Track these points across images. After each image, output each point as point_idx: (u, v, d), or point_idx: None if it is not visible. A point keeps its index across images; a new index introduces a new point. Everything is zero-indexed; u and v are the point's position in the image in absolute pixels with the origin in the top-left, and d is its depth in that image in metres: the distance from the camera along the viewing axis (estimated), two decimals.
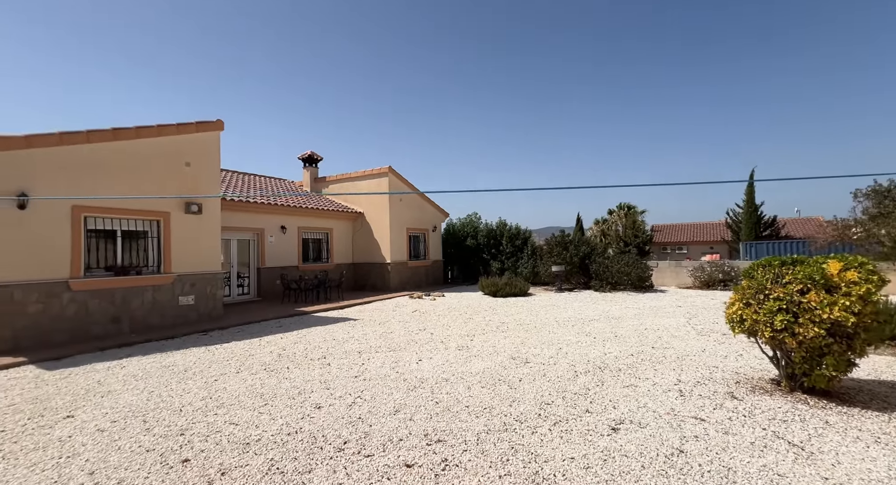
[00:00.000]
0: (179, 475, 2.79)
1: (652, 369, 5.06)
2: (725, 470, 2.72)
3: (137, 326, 7.92)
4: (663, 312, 9.49)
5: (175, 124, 8.64)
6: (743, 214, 26.20)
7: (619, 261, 14.37)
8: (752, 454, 2.92)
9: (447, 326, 8.21)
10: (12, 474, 2.84)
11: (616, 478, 2.67)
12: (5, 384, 4.91)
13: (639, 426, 3.44)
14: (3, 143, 6.44)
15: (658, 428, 3.39)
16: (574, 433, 3.36)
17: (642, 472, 2.73)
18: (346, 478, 2.76)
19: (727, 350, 5.88)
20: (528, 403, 4.04)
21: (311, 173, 17.66)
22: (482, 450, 3.12)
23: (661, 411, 3.74)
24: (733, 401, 3.94)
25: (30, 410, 4.07)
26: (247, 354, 6.23)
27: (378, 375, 5.06)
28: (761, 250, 20.37)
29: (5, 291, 6.41)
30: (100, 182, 7.47)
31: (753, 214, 25.52)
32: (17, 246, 6.55)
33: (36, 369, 5.54)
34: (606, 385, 4.52)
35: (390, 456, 3.05)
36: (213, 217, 9.31)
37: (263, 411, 3.95)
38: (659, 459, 2.89)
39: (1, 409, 4.09)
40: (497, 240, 18.40)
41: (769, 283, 4.00)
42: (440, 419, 3.69)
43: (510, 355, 5.86)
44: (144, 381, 4.96)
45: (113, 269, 7.78)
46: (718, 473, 2.69)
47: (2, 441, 3.35)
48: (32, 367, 5.67)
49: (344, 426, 3.56)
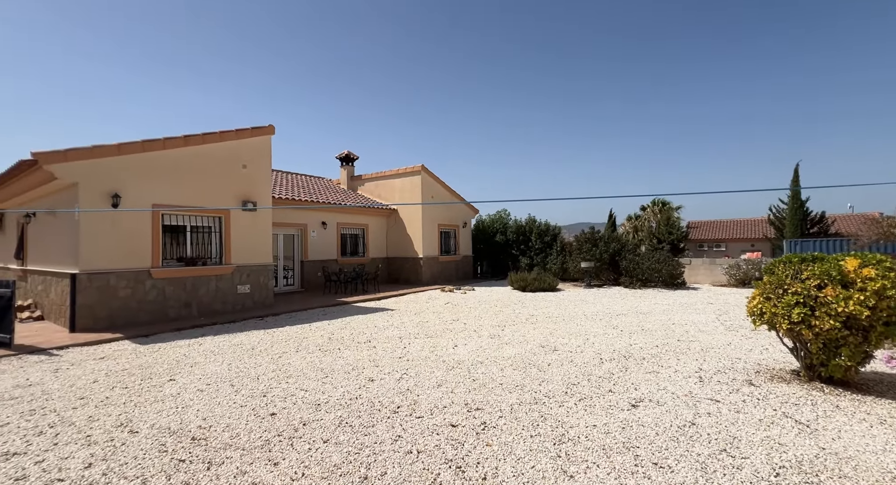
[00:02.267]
0: (271, 424, 3.49)
1: (675, 359, 5.38)
2: (730, 438, 3.10)
3: (204, 311, 8.95)
4: (693, 309, 9.59)
5: (234, 130, 9.59)
6: (787, 210, 24.99)
7: (649, 258, 14.36)
8: (758, 428, 3.27)
9: (479, 317, 8.73)
10: (144, 417, 3.64)
11: (632, 440, 3.12)
12: (113, 354, 5.90)
13: (657, 404, 3.84)
14: (100, 151, 7.52)
15: (674, 406, 3.78)
16: (597, 407, 3.80)
17: (656, 437, 3.16)
18: (402, 432, 3.35)
19: (753, 345, 6.06)
20: (556, 383, 4.51)
21: (348, 172, 18.59)
22: (515, 417, 3.63)
23: (679, 393, 4.11)
24: (750, 387, 4.24)
25: (140, 373, 4.96)
26: (301, 337, 7.02)
27: (419, 357, 5.66)
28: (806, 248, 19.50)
29: (103, 277, 7.53)
30: (173, 183, 8.50)
31: (799, 211, 24.31)
32: (112, 240, 7.65)
33: (131, 344, 6.54)
34: (630, 371, 4.90)
35: (437, 418, 3.62)
36: (266, 214, 10.25)
37: (326, 381, 4.63)
38: (672, 428, 3.30)
39: (118, 372, 5.01)
40: (526, 236, 18.68)
41: (788, 279, 4.25)
42: (477, 393, 4.23)
43: (539, 344, 6.31)
44: (221, 356, 5.80)
45: (184, 260, 8.83)
46: (724, 440, 3.08)
47: (129, 395, 4.20)
48: (128, 342, 6.69)
49: (395, 395, 4.17)
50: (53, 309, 8.26)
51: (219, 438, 3.22)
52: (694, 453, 2.91)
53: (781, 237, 24.58)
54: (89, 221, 7.42)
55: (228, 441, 3.16)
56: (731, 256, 26.94)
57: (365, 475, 2.70)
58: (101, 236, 7.54)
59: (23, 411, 3.80)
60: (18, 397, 4.19)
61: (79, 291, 7.27)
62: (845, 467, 2.72)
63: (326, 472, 2.73)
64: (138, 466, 2.79)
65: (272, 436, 3.25)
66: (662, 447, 3.02)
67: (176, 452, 2.98)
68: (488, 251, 19.58)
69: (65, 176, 7.25)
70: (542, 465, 2.83)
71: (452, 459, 2.92)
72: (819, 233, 24.76)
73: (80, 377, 4.81)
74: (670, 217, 26.99)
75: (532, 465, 2.83)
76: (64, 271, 7.75)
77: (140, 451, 3.00)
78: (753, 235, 30.34)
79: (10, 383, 4.61)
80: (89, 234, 7.42)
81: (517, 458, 2.92)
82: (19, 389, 4.43)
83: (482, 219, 20.77)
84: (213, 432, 3.32)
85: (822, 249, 18.92)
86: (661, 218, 27.41)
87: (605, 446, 3.07)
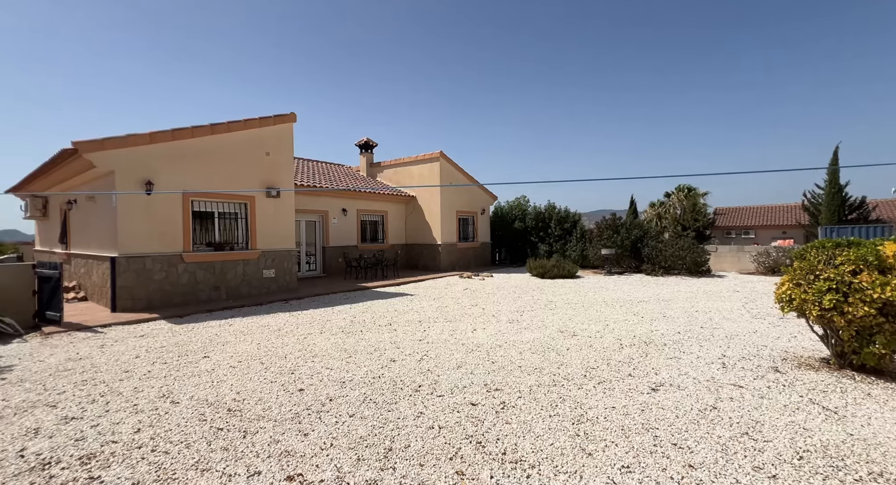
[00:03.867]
0: (300, 398, 3.67)
1: (697, 346, 5.31)
2: (753, 422, 3.08)
3: (232, 294, 9.34)
4: (718, 296, 9.36)
5: (258, 118, 9.78)
6: (824, 195, 23.75)
7: (673, 245, 14.01)
8: (782, 413, 3.24)
9: (497, 303, 8.79)
10: (183, 389, 3.89)
11: (651, 422, 3.14)
12: (152, 332, 6.27)
13: (677, 388, 3.83)
14: (133, 140, 7.83)
15: (696, 390, 3.76)
16: (616, 391, 3.83)
17: (676, 420, 3.17)
18: (424, 409, 3.47)
19: (780, 332, 5.91)
20: (575, 366, 4.54)
21: (367, 159, 18.72)
22: (534, 397, 3.70)
23: (700, 379, 4.08)
24: (776, 374, 4.17)
25: (176, 350, 5.27)
26: (324, 319, 7.25)
27: (439, 339, 5.78)
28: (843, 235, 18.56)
29: (139, 261, 7.94)
30: (201, 170, 8.79)
31: (836, 196, 23.07)
32: (146, 225, 8.03)
33: (167, 323, 6.93)
34: (650, 357, 4.88)
35: (457, 397, 3.73)
36: (288, 200, 10.49)
37: (349, 361, 4.81)
38: (692, 411, 3.31)
39: (157, 349, 5.34)
40: (545, 223, 18.48)
41: (821, 264, 4.11)
42: (497, 375, 4.31)
43: (558, 329, 6.33)
44: (250, 336, 6.08)
45: (212, 245, 9.18)
46: (746, 424, 3.06)
47: (169, 369, 4.49)
48: (164, 321, 7.08)
49: (416, 375, 4.30)
50: (95, 290, 8.79)
51: (252, 410, 3.42)
52: (714, 436, 2.92)
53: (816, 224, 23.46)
54: (126, 207, 7.80)
55: (261, 413, 3.36)
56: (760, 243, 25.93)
57: (389, 447, 2.83)
58: (137, 222, 7.92)
59: (75, 381, 4.13)
60: (71, 368, 4.54)
61: (118, 273, 7.70)
62: (874, 452, 2.67)
63: (353, 443, 2.88)
64: (181, 432, 3.01)
65: (301, 410, 3.43)
66: (682, 429, 3.03)
67: (214, 421, 3.20)
68: (507, 238, 19.50)
69: (102, 164, 7.60)
70: (560, 443, 2.89)
71: (473, 435, 3.02)
72: (858, 219, 23.49)
73: (123, 353, 5.16)
74: (696, 203, 26.10)
75: (551, 442, 2.90)
76: (104, 255, 8.21)
77: (182, 419, 3.23)
78: (785, 222, 29.07)
79: (63, 357, 4.99)
80: (126, 219, 7.81)
81: (536, 435, 3.00)
82: (71, 362, 4.79)
83: (501, 206, 20.62)
84: (247, 405, 3.53)
85: (860, 235, 17.94)
86: (686, 204, 26.54)
87: (624, 426, 3.11)
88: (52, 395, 3.75)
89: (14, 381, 4.14)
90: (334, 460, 2.65)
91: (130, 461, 2.60)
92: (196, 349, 5.33)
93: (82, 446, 2.80)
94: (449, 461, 2.65)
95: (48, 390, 3.89)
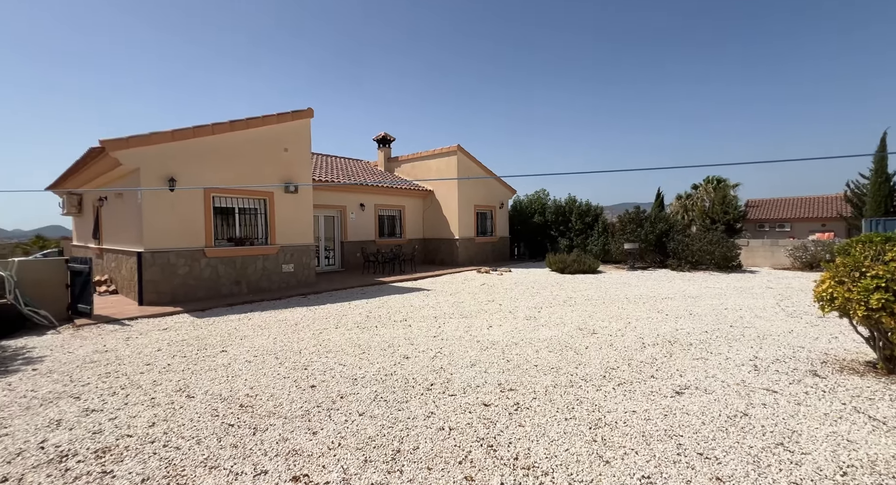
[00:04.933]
0: (311, 395, 3.66)
1: (727, 346, 5.02)
2: (789, 432, 2.85)
3: (252, 288, 9.53)
4: (749, 293, 8.88)
5: (276, 114, 9.87)
6: (870, 185, 22.20)
7: (700, 239, 13.41)
8: (822, 423, 2.98)
9: (515, 299, 8.62)
10: (199, 383, 3.94)
11: (675, 429, 2.95)
12: (175, 326, 6.45)
13: (704, 392, 3.61)
14: (157, 138, 8.03)
15: (724, 395, 3.53)
16: (637, 393, 3.64)
17: (702, 427, 2.97)
18: (435, 408, 3.39)
19: (819, 332, 5.52)
20: (594, 366, 4.36)
21: (385, 154, 18.71)
22: (550, 399, 3.56)
23: (730, 382, 3.83)
24: (814, 378, 3.87)
25: (196, 344, 5.38)
26: (341, 314, 7.28)
27: (454, 336, 5.68)
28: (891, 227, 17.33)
29: (164, 256, 8.18)
30: (221, 166, 8.95)
31: (884, 186, 21.52)
32: (170, 221, 8.26)
33: (190, 317, 7.11)
34: (675, 357, 4.63)
35: (470, 397, 3.62)
36: (307, 196, 10.58)
37: (363, 357, 4.78)
38: (720, 418, 3.09)
39: (178, 342, 5.47)
40: (566, 217, 18.05)
41: (868, 260, 3.76)
42: (511, 374, 4.18)
43: (577, 327, 6.13)
44: (267, 330, 6.16)
45: (233, 240, 9.37)
46: (781, 433, 2.83)
47: (187, 363, 4.58)
48: (187, 315, 7.27)
49: (429, 373, 4.23)
50: (124, 284, 9.14)
51: (263, 406, 3.43)
52: (745, 446, 2.71)
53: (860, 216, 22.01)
54: (150, 203, 8.03)
55: (272, 410, 3.36)
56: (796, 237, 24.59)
57: (398, 449, 2.76)
58: (161, 218, 8.15)
59: (100, 373, 4.26)
60: (97, 360, 4.69)
61: (144, 268, 7.96)
62: None
63: (361, 443, 2.83)
64: (194, 427, 3.04)
65: (312, 407, 3.41)
66: (709, 437, 2.84)
67: (226, 417, 3.21)
68: (526, 233, 19.17)
69: (128, 162, 7.84)
70: (576, 448, 2.75)
71: (484, 437, 2.91)
72: None
73: (146, 346, 5.31)
74: (726, 195, 24.94)
75: (566, 448, 2.76)
76: (132, 250, 8.51)
77: (195, 414, 3.26)
78: (825, 214, 27.42)
79: (90, 349, 5.18)
80: (151, 215, 8.04)
81: (550, 440, 2.87)
82: (98, 354, 4.96)
83: (520, 200, 20.28)
84: (259, 401, 3.54)
85: None
86: (715, 196, 25.39)
87: (645, 432, 2.93)
88: (76, 386, 3.88)
89: (44, 372, 4.31)
90: (341, 461, 2.61)
91: (142, 456, 2.63)
92: (215, 343, 5.43)
93: (99, 439, 2.86)
94: (458, 465, 2.56)
95: (74, 381, 4.02)
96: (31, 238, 30.04)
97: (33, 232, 34.93)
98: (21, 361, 4.72)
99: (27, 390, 3.78)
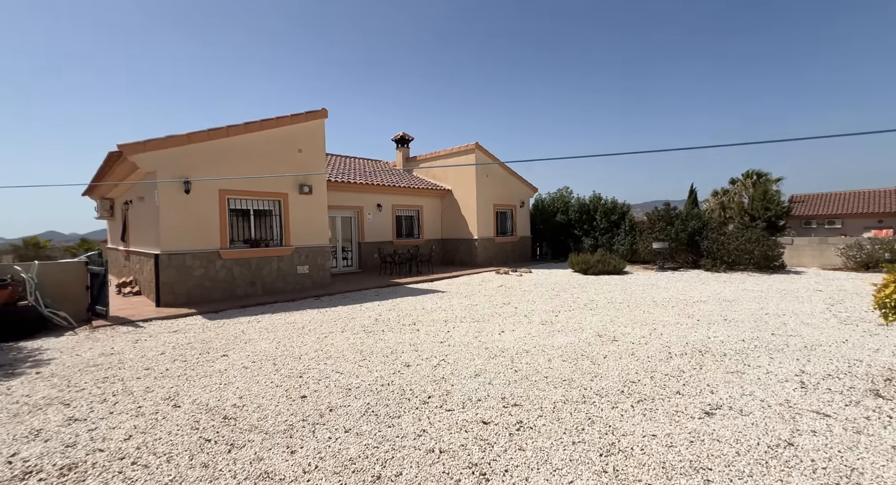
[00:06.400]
0: (299, 407, 3.44)
1: (767, 357, 4.45)
2: (848, 470, 2.36)
3: (267, 290, 9.55)
4: (794, 296, 8.06)
5: (289, 115, 9.86)
6: None
7: (738, 237, 12.44)
8: (891, 458, 2.46)
9: (532, 302, 8.19)
10: (190, 391, 3.82)
11: (702, 460, 2.52)
12: (185, 328, 6.46)
13: (739, 414, 3.13)
14: (173, 141, 8.14)
15: (764, 418, 3.04)
16: (659, 413, 3.20)
17: (736, 458, 2.52)
18: (429, 426, 3.09)
19: (880, 343, 4.82)
20: (611, 379, 3.93)
21: (403, 153, 18.58)
22: (558, 417, 3.18)
23: (770, 401, 3.32)
24: (876, 400, 3.29)
25: (200, 347, 5.32)
26: (349, 317, 7.11)
27: (461, 342, 5.37)
28: None
29: (180, 257, 8.30)
30: (236, 168, 9.01)
31: None
32: (186, 222, 8.37)
33: (202, 319, 7.13)
34: (705, 369, 4.13)
35: (469, 413, 3.30)
36: (321, 196, 10.53)
37: (362, 364, 4.55)
38: (759, 448, 2.63)
39: (183, 345, 5.43)
40: (590, 215, 17.30)
41: None
42: (518, 386, 3.82)
43: (596, 333, 5.67)
44: (273, 333, 6.05)
45: (248, 241, 9.42)
46: (837, 471, 2.35)
47: (185, 368, 4.49)
48: (200, 317, 7.31)
49: (429, 383, 3.93)
50: (146, 285, 9.36)
51: (247, 418, 3.24)
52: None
53: None
54: (167, 205, 8.15)
55: (255, 423, 3.16)
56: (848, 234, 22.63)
57: (378, 474, 2.48)
58: (177, 220, 8.26)
59: (98, 378, 4.23)
60: (100, 364, 4.69)
61: (161, 269, 8.09)
62: None
63: (340, 466, 2.57)
64: (169, 442, 2.87)
65: (297, 420, 3.19)
66: (744, 472, 2.40)
67: (205, 431, 3.04)
68: (548, 232, 18.55)
69: (144, 165, 7.98)
70: (582, 480, 2.38)
71: (477, 463, 2.59)
72: None
73: (151, 349, 5.29)
74: (767, 190, 23.25)
75: (570, 480, 2.40)
76: (150, 252, 8.69)
77: (175, 426, 3.11)
78: (882, 209, 25.13)
79: (98, 352, 5.22)
80: (167, 217, 8.17)
81: (553, 468, 2.51)
82: (103, 357, 4.98)
83: (542, 198, 19.66)
84: (244, 412, 3.35)
85: None
86: (755, 192, 23.75)
87: (666, 463, 2.52)
88: (71, 392, 3.84)
89: (46, 375, 4.33)
90: None
91: (106, 476, 2.48)
92: (218, 346, 5.36)
93: (70, 454, 2.74)
94: None
95: (71, 386, 3.99)
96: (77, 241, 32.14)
97: (88, 235, 37.47)
98: (30, 363, 4.78)
99: (22, 395, 3.77)
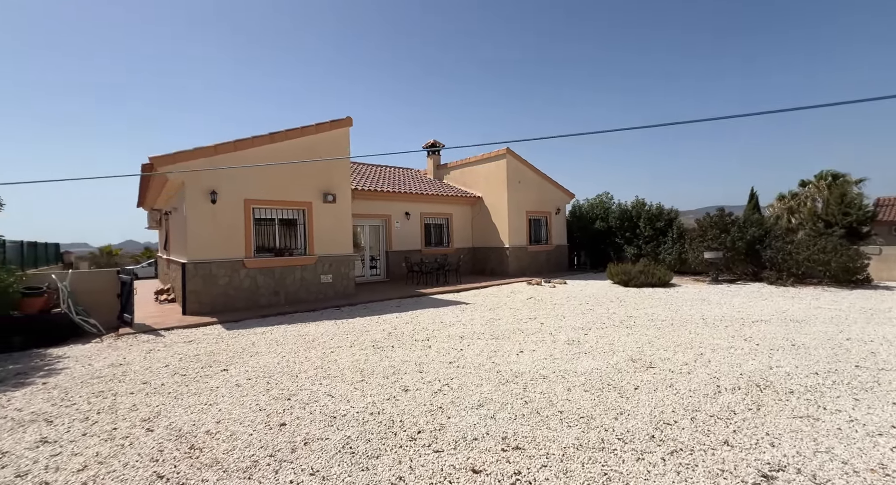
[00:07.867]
0: (273, 438, 3.09)
1: (851, 398, 3.52)
2: None
3: (290, 299, 9.53)
4: (885, 318, 6.71)
5: (314, 125, 9.90)
6: None
7: (809, 246, 10.84)
8: None
9: (561, 317, 7.46)
10: (172, 412, 3.61)
11: None
12: (200, 338, 6.45)
13: (811, 480, 2.36)
14: (200, 152, 8.38)
15: None
16: (699, 471, 2.50)
17: None
18: (408, 471, 2.61)
19: None
20: (641, 418, 3.24)
21: (434, 161, 18.38)
22: (565, 469, 2.58)
23: (857, 464, 2.50)
24: None
25: (205, 360, 5.21)
26: (363, 330, 6.80)
27: (472, 363, 4.84)
28: None
29: (206, 266, 8.46)
30: (261, 178, 9.12)
31: None
32: (212, 232, 8.54)
33: (221, 329, 7.14)
34: (764, 411, 3.31)
35: (459, 456, 2.78)
36: (345, 205, 10.45)
37: (358, 387, 4.15)
38: None
39: (190, 357, 5.35)
40: (633, 222, 16.04)
41: None
42: (525, 422, 3.25)
43: (629, 356, 4.91)
44: (282, 346, 5.85)
45: (272, 250, 9.49)
46: None
47: (180, 384, 4.34)
48: (219, 326, 7.33)
49: (423, 414, 3.45)
50: (178, 293, 9.68)
51: (214, 450, 2.93)
52: None
53: None
54: (194, 215, 8.37)
55: (219, 456, 2.84)
56: None
57: None
58: (204, 229, 8.45)
59: (94, 391, 4.16)
60: (104, 376, 4.67)
61: (188, 278, 8.28)
62: None
63: None
64: (120, 478, 2.61)
65: (264, 456, 2.83)
66: None
67: (164, 464, 2.75)
68: (586, 240, 17.45)
69: (174, 176, 8.26)
70: None
71: None
72: None
73: (159, 360, 5.25)
74: (846, 193, 20.44)
75: None
76: (180, 260, 8.96)
77: (136, 456, 2.86)
78: None
79: (109, 362, 5.25)
80: (194, 227, 8.37)
81: None
82: (109, 368, 4.98)
83: (580, 204, 18.61)
84: (215, 441, 3.05)
85: None
86: (830, 195, 21.01)
87: None
88: (60, 407, 3.77)
89: (50, 386, 4.34)
90: None
91: None
92: (223, 360, 5.21)
93: (16, 484, 2.55)
94: None
95: (64, 400, 3.94)
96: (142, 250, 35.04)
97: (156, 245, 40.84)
98: (43, 372, 4.87)
99: (14, 409, 3.75)
